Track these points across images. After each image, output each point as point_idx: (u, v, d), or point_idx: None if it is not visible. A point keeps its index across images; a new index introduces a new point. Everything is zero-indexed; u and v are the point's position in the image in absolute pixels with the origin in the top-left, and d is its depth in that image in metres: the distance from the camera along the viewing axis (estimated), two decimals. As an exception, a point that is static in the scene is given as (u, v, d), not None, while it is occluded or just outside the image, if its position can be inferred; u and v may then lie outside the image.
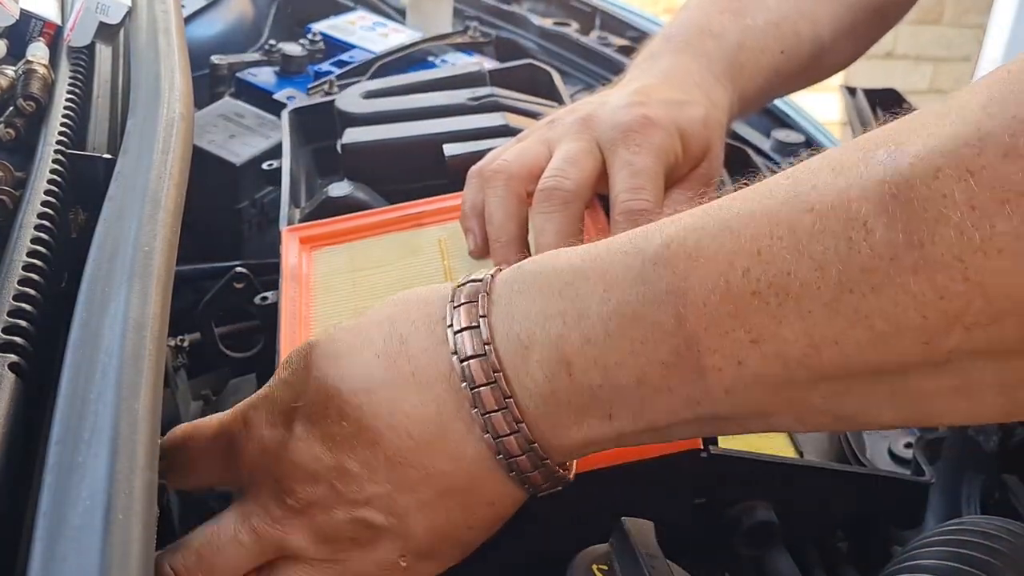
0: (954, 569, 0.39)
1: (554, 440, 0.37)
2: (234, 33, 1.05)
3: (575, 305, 0.36)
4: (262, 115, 0.80)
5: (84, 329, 0.38)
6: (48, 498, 0.31)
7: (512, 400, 0.36)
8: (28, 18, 0.65)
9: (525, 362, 0.36)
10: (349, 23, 1.00)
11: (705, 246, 0.34)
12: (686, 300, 0.34)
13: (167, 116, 0.55)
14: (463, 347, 0.37)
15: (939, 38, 2.92)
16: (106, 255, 0.43)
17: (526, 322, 0.37)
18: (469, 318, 0.37)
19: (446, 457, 0.37)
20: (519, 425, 0.36)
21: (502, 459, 0.37)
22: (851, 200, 0.31)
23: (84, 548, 0.29)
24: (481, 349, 0.36)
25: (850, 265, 0.31)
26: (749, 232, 0.33)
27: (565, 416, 0.36)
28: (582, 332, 0.35)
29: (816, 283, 0.31)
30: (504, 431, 0.37)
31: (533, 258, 0.39)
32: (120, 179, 0.49)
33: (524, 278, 0.38)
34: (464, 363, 0.37)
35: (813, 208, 0.32)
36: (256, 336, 0.64)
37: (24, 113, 0.57)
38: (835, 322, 0.31)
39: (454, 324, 0.37)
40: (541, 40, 1.05)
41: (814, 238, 0.32)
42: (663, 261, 0.34)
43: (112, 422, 0.33)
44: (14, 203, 0.50)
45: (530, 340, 0.36)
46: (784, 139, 0.92)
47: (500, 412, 0.36)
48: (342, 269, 0.57)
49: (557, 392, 0.36)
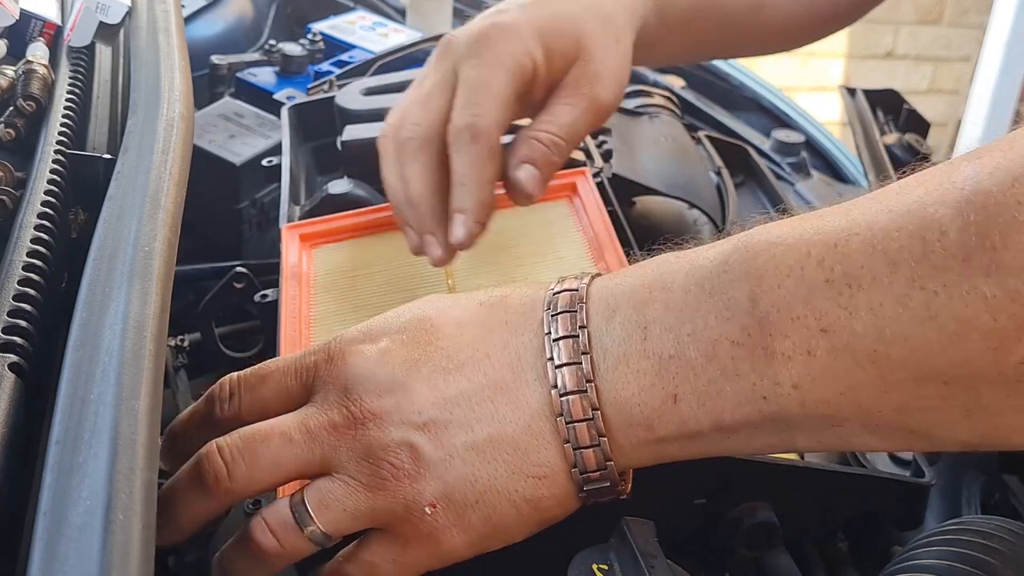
0: (954, 569, 0.39)
1: (616, 417, 0.37)
2: (234, 33, 1.05)
3: (662, 277, 0.38)
4: (262, 115, 0.80)
5: (84, 329, 0.38)
6: (48, 498, 0.31)
7: (588, 356, 0.37)
8: (28, 18, 0.65)
9: (608, 322, 0.38)
10: (349, 23, 1.00)
11: (785, 235, 0.35)
12: (761, 282, 0.35)
13: (167, 116, 0.55)
14: (555, 304, 0.39)
15: (939, 38, 2.92)
16: (106, 255, 0.43)
17: (618, 290, 0.39)
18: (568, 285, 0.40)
19: (511, 403, 0.38)
20: (587, 384, 0.37)
21: (562, 420, 0.38)
22: (929, 204, 0.32)
23: (84, 548, 0.29)
24: (571, 307, 0.39)
25: (923, 263, 0.31)
26: (828, 227, 0.34)
27: (632, 384, 0.37)
28: (664, 300, 0.37)
29: (887, 278, 0.32)
30: (572, 388, 0.37)
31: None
32: (120, 179, 0.49)
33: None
34: (553, 317, 0.39)
35: (892, 210, 0.33)
36: (256, 336, 0.64)
37: (24, 113, 0.57)
38: (905, 318, 0.32)
39: (553, 288, 0.40)
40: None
41: (889, 236, 0.32)
42: (744, 246, 0.36)
43: (112, 422, 0.33)
44: (14, 203, 0.50)
45: (617, 304, 0.38)
46: (784, 139, 0.92)
47: (573, 366, 0.37)
48: (343, 267, 0.57)
49: (629, 355, 0.37)
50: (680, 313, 0.36)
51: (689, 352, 0.36)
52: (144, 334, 0.38)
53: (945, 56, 2.95)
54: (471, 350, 0.39)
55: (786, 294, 0.34)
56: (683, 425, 0.37)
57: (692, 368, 0.36)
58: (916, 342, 0.32)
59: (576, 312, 0.38)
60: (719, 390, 0.36)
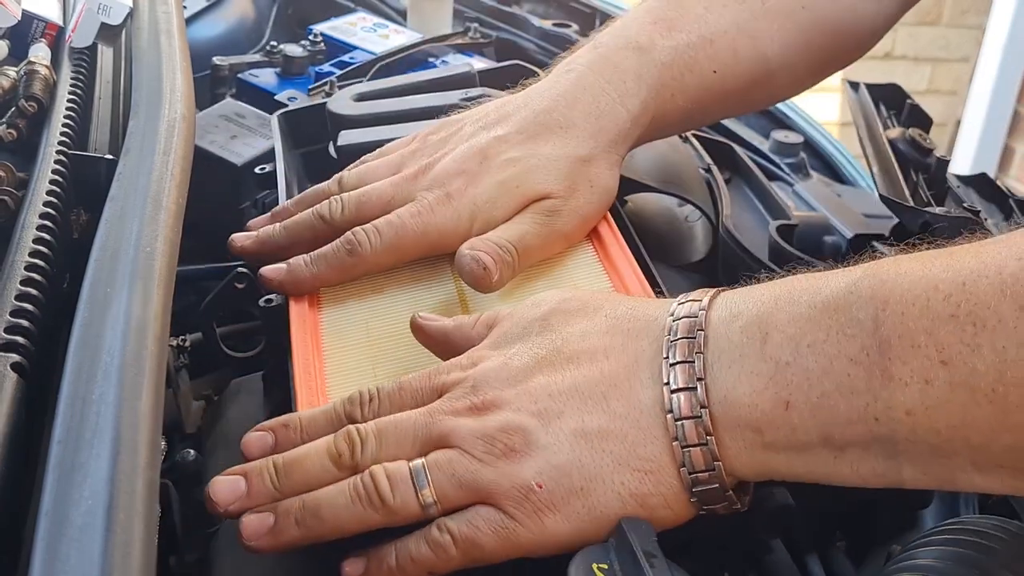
0: (952, 569, 0.39)
1: (724, 416, 0.38)
2: (235, 34, 1.05)
3: (789, 293, 0.39)
4: (263, 116, 0.80)
5: (86, 329, 0.38)
6: (50, 498, 0.31)
7: (702, 356, 0.39)
8: (30, 19, 0.65)
9: (728, 326, 0.40)
10: (350, 24, 1.00)
11: (915, 268, 0.37)
12: (886, 306, 0.36)
13: (169, 117, 0.55)
14: (677, 311, 0.41)
15: (938, 39, 2.92)
16: (108, 255, 0.43)
17: (742, 301, 0.40)
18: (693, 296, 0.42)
19: (623, 399, 0.40)
20: (697, 382, 0.39)
21: (671, 417, 0.39)
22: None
23: (86, 548, 0.29)
24: (693, 314, 0.41)
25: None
26: (957, 265, 0.36)
27: (744, 384, 0.38)
28: (788, 312, 0.39)
29: (1014, 322, 0.33)
30: (682, 384, 0.39)
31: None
32: (122, 180, 0.49)
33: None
34: (675, 321, 0.41)
35: (1021, 258, 0.34)
36: (258, 336, 0.64)
37: (26, 114, 0.58)
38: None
39: (679, 299, 0.42)
40: (541, 41, 1.05)
41: (1019, 282, 0.33)
42: (873, 273, 0.38)
43: (114, 422, 0.34)
44: (16, 204, 0.50)
45: (740, 312, 0.40)
46: (783, 139, 0.92)
47: (686, 364, 0.39)
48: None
49: (744, 357, 0.39)
50: (803, 325, 0.38)
51: (807, 362, 0.37)
52: (145, 334, 0.38)
53: (944, 57, 2.95)
54: (591, 353, 0.42)
55: (910, 322, 0.35)
56: (792, 434, 0.38)
57: (808, 378, 0.37)
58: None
59: (697, 318, 0.40)
60: (832, 404, 0.37)
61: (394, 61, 0.89)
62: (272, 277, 0.53)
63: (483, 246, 0.52)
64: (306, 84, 0.87)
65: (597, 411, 0.40)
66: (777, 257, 0.64)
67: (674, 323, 0.41)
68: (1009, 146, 2.82)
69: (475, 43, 0.99)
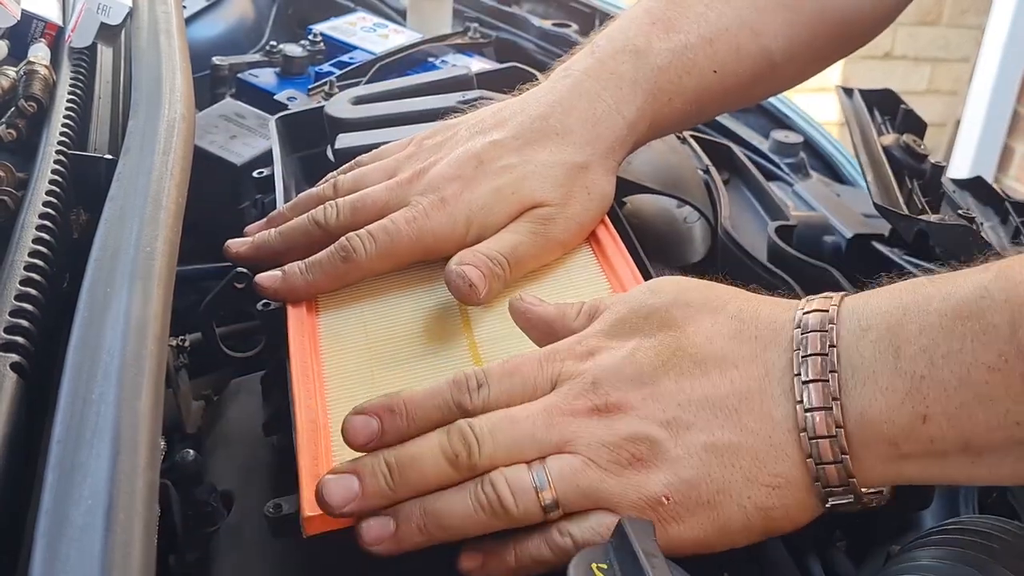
0: (952, 568, 0.39)
1: (860, 434, 0.38)
2: (235, 34, 1.05)
3: (917, 301, 0.38)
4: (263, 116, 0.80)
5: (86, 329, 0.38)
6: (50, 497, 0.31)
7: (836, 375, 0.38)
8: (30, 19, 0.65)
9: (859, 341, 0.39)
10: (349, 24, 1.00)
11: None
12: (1023, 309, 0.35)
13: (168, 117, 0.55)
14: (806, 323, 0.40)
15: (937, 39, 2.92)
16: (108, 255, 0.43)
17: (870, 312, 0.39)
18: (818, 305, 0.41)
19: (755, 414, 0.40)
20: (833, 402, 0.38)
21: (805, 435, 0.38)
22: None
23: (86, 547, 0.29)
24: (823, 327, 0.39)
25: None
26: None
27: (879, 402, 0.38)
28: (919, 323, 0.38)
29: None
30: (817, 404, 0.38)
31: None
32: (121, 180, 0.49)
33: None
34: (804, 335, 0.40)
35: None
36: (257, 336, 0.64)
37: (26, 114, 0.58)
38: None
39: (803, 307, 0.41)
40: (541, 41, 1.05)
41: None
42: (1004, 274, 0.37)
43: (114, 422, 0.34)
44: (16, 204, 0.50)
45: (869, 325, 0.39)
46: (783, 139, 0.92)
47: (820, 383, 0.38)
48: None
49: (878, 374, 0.38)
50: (936, 335, 0.37)
51: (942, 373, 0.37)
52: (145, 334, 0.38)
53: (943, 57, 2.95)
54: (719, 359, 0.41)
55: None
56: (930, 445, 0.37)
57: (944, 389, 0.37)
58: None
59: (827, 332, 0.39)
60: (970, 414, 0.36)
61: (394, 61, 0.89)
62: (268, 285, 0.53)
63: (472, 259, 0.51)
64: (306, 84, 0.87)
65: (728, 425, 0.40)
66: (776, 258, 0.64)
67: (803, 336, 0.40)
68: (1009, 146, 2.82)
69: (475, 43, 0.99)
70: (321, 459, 0.43)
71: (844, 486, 0.39)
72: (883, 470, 0.39)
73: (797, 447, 0.39)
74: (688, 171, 0.72)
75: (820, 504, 0.40)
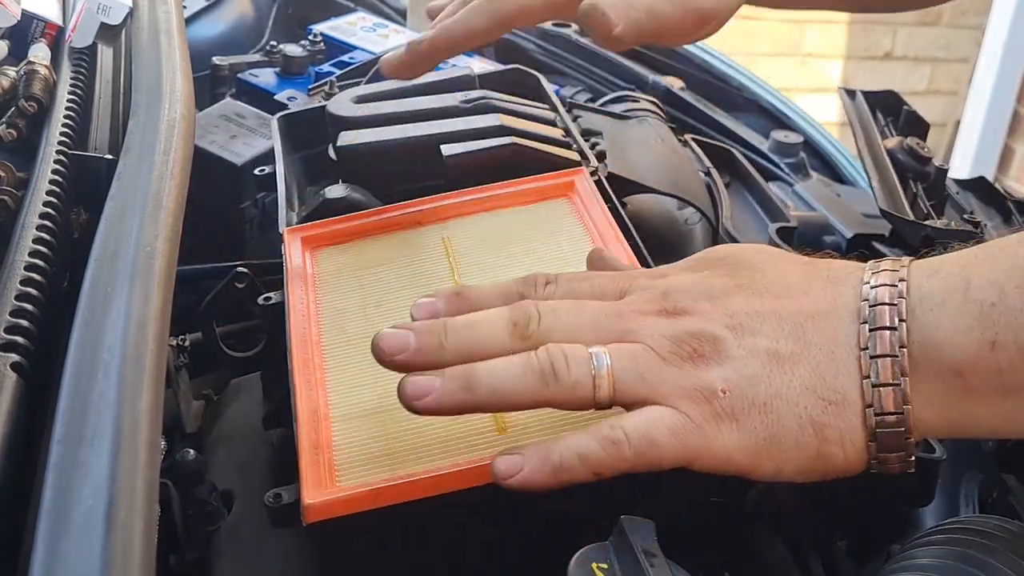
0: (952, 568, 0.39)
1: (923, 357, 0.38)
2: (235, 34, 1.05)
3: (987, 249, 0.39)
4: (263, 116, 0.80)
5: (86, 328, 0.38)
6: (50, 497, 0.31)
7: (904, 301, 0.39)
8: (30, 19, 0.65)
9: (930, 278, 0.39)
10: (350, 24, 1.00)
11: None
12: None
13: (168, 117, 0.55)
14: (875, 266, 0.41)
15: (937, 39, 2.92)
16: (108, 255, 0.43)
17: (939, 260, 0.40)
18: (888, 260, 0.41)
19: (819, 331, 0.40)
20: (900, 323, 0.38)
21: (866, 354, 0.38)
22: None
23: (86, 547, 0.29)
24: (895, 267, 0.40)
25: None
26: None
27: (946, 326, 0.38)
28: (989, 265, 0.38)
29: None
30: (882, 324, 0.38)
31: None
32: (122, 179, 0.49)
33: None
34: (875, 273, 0.40)
35: None
36: (258, 335, 0.64)
37: (26, 114, 0.58)
38: None
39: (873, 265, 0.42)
40: (541, 41, 1.05)
41: None
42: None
43: (114, 421, 0.34)
44: (16, 203, 0.50)
45: (941, 266, 0.40)
46: (783, 140, 0.92)
47: (887, 307, 0.39)
48: (348, 267, 0.57)
49: (947, 301, 0.38)
50: (1007, 271, 0.37)
51: (1014, 302, 0.37)
52: (145, 334, 0.38)
53: (943, 57, 2.95)
54: (790, 287, 0.41)
55: None
56: (999, 376, 0.37)
57: (1016, 317, 0.36)
58: None
59: (898, 271, 0.40)
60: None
61: (394, 61, 0.89)
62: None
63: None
64: (306, 84, 0.87)
65: (792, 337, 0.40)
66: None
67: (874, 274, 0.40)
68: (1009, 146, 2.82)
69: (475, 43, 0.99)
70: (322, 448, 0.43)
71: (898, 413, 0.38)
72: (943, 407, 0.38)
73: (857, 365, 0.39)
74: (689, 172, 0.72)
75: (868, 436, 0.39)
